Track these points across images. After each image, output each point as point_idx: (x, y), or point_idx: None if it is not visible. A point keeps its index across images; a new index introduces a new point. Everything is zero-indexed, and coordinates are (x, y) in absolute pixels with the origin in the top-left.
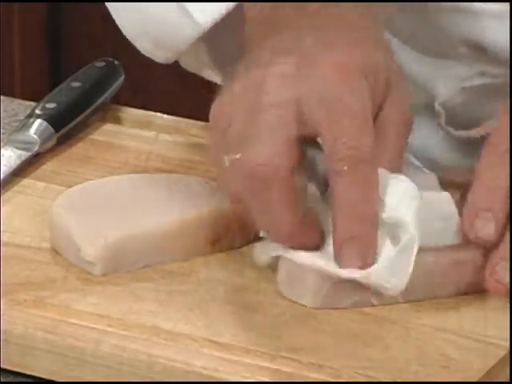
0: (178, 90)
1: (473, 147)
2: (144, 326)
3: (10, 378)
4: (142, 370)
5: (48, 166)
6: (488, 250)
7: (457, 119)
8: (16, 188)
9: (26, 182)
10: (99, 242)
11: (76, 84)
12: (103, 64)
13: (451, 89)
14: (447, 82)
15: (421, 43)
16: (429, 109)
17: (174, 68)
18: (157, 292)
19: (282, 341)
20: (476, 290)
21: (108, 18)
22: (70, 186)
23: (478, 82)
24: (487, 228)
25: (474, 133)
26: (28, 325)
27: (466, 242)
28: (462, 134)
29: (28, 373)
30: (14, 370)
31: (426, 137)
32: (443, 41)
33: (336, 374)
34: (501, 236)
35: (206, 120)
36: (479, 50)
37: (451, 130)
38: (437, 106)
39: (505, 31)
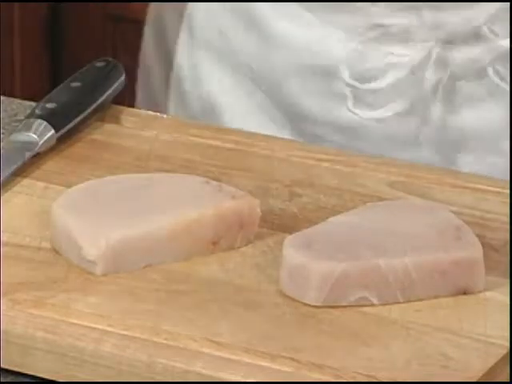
0: None
1: (380, 99)
2: (144, 326)
3: (10, 378)
4: (141, 369)
5: (48, 166)
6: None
7: (359, 75)
8: (16, 188)
9: (26, 181)
10: (101, 242)
11: (76, 84)
12: (103, 64)
13: (348, 45)
14: (344, 37)
15: None
16: (330, 71)
17: None
18: (157, 292)
19: (281, 341)
20: (476, 290)
21: (108, 18)
22: (70, 186)
23: (374, 33)
24: None
25: (378, 84)
26: (28, 325)
27: (465, 242)
28: (370, 86)
29: (28, 373)
30: (14, 369)
31: (328, 100)
32: None
33: (336, 374)
34: None
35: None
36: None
37: (356, 83)
38: (339, 66)
39: None
